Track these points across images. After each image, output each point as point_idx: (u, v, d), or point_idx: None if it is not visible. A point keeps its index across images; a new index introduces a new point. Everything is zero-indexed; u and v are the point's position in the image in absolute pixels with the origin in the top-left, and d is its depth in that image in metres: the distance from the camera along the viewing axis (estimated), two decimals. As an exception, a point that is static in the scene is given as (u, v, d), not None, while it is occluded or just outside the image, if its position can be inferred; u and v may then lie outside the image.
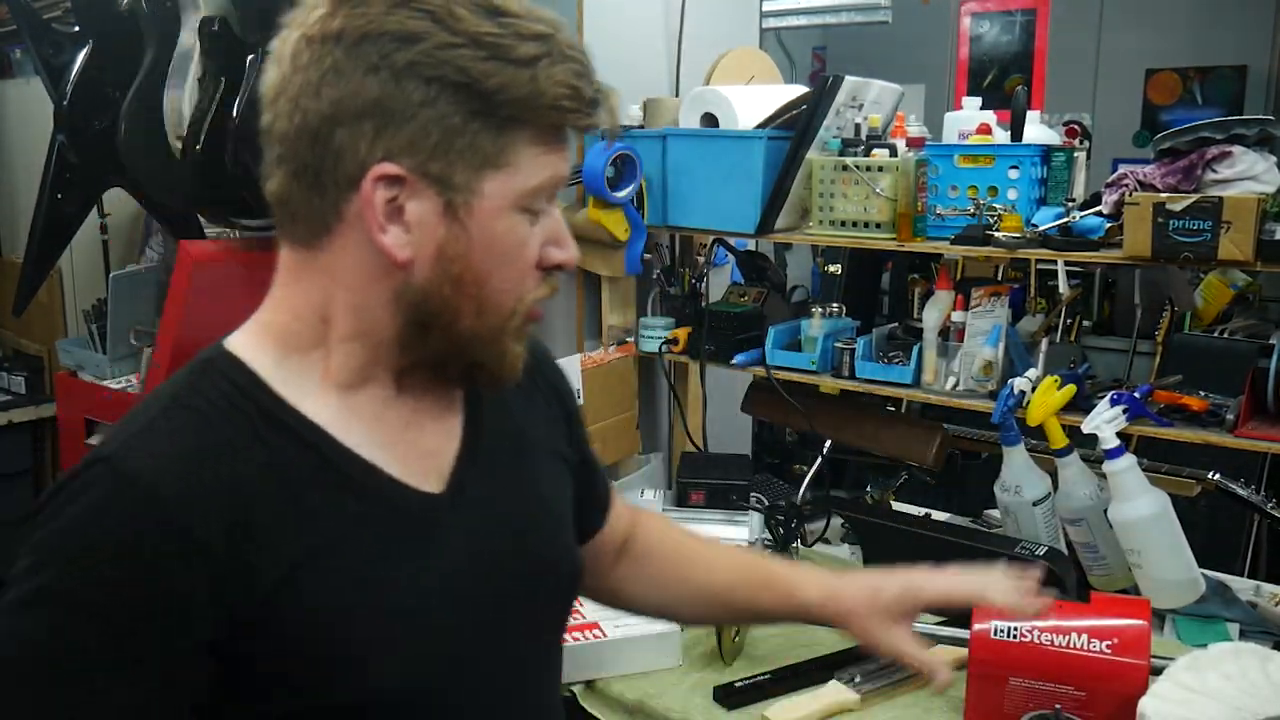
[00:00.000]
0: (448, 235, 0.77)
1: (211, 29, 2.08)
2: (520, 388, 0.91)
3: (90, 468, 0.73)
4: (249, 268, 2.28)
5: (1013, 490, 1.76)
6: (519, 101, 0.74)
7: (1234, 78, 4.82)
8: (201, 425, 0.76)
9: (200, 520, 0.72)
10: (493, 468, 0.89)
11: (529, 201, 0.78)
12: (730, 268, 2.47)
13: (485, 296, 0.79)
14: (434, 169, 0.75)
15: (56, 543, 0.72)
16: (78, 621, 0.70)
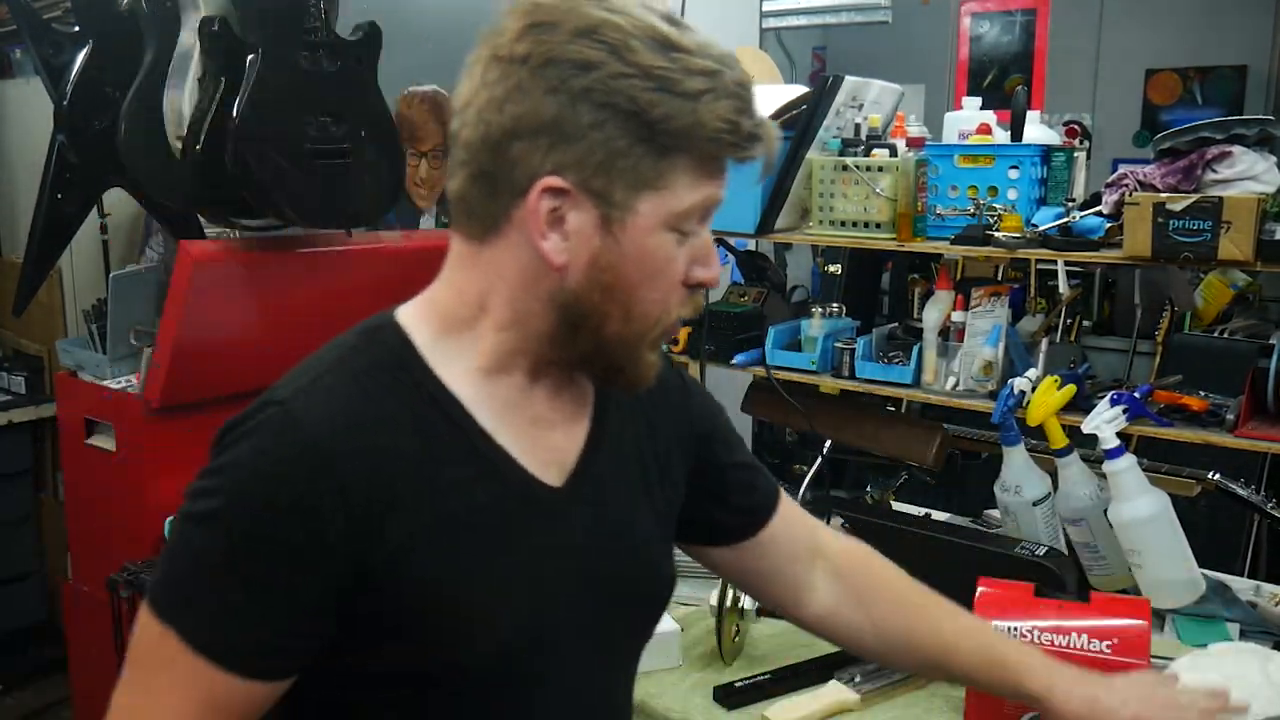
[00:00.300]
0: (602, 246, 0.83)
1: (211, 29, 2.08)
2: (653, 403, 1.01)
3: (263, 409, 0.83)
4: (249, 268, 2.28)
5: (1013, 490, 1.76)
6: (680, 131, 0.81)
7: (1234, 78, 4.83)
8: (363, 391, 0.85)
9: (350, 475, 0.81)
10: (610, 473, 0.96)
11: (680, 222, 0.84)
12: (730, 268, 2.47)
13: (632, 306, 0.85)
14: (596, 185, 0.82)
15: (229, 472, 0.81)
16: (236, 542, 0.80)
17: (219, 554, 0.80)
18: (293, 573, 0.80)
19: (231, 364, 2.40)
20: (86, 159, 2.37)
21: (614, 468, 0.96)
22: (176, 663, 0.80)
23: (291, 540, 0.80)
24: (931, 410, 2.30)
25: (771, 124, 0.86)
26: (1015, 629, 1.34)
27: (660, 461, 1.02)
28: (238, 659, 0.81)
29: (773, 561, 1.14)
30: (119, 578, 2.27)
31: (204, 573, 0.81)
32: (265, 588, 0.80)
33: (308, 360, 0.88)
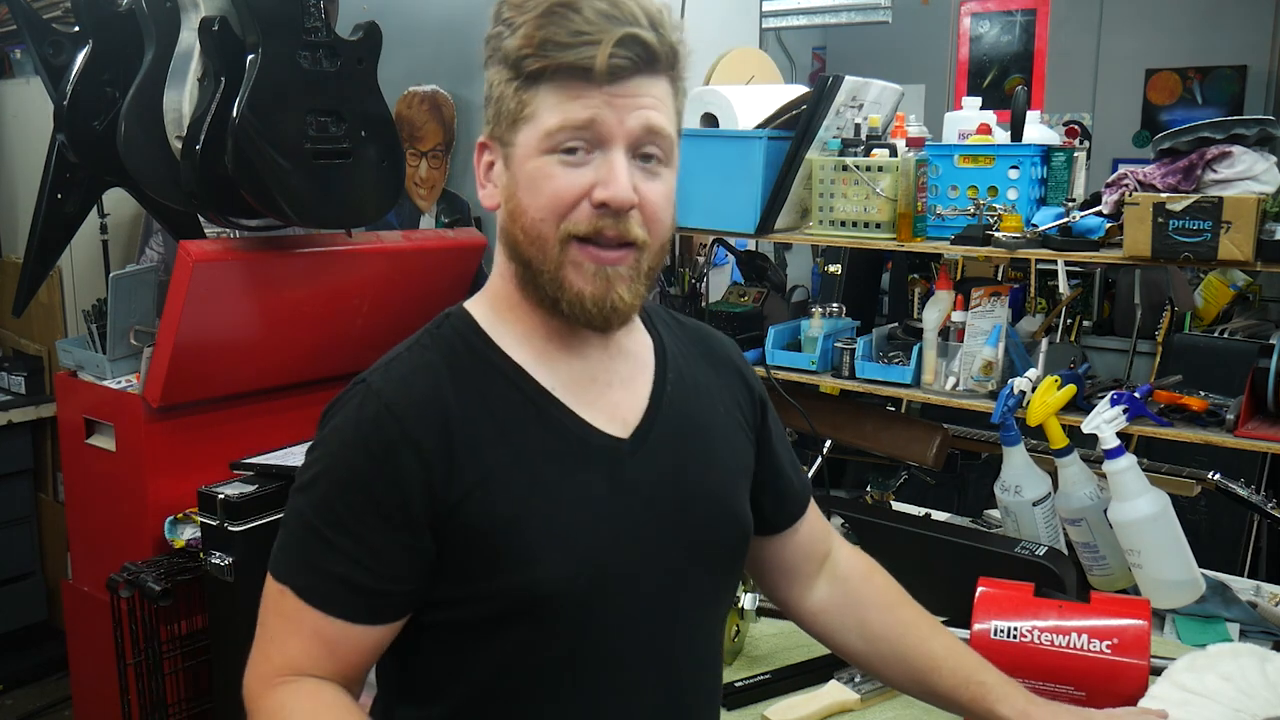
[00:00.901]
0: (507, 182, 0.96)
1: (211, 29, 2.08)
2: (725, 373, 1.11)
3: (354, 387, 0.96)
4: (249, 268, 2.28)
5: (1013, 490, 1.76)
6: (511, 57, 0.92)
7: (1234, 78, 4.82)
8: (428, 358, 0.97)
9: (422, 431, 0.92)
10: (674, 424, 1.03)
11: (550, 143, 0.92)
12: (730, 268, 2.47)
13: (527, 225, 0.94)
14: (497, 132, 0.96)
15: (325, 443, 0.95)
16: (333, 499, 0.92)
17: (321, 513, 0.92)
18: (383, 521, 0.91)
19: (231, 364, 2.40)
20: (86, 159, 2.37)
21: (677, 423, 1.03)
22: (295, 615, 0.93)
23: (376, 491, 0.91)
24: (931, 410, 2.30)
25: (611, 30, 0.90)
26: (1015, 629, 1.34)
27: (725, 420, 1.09)
28: (347, 606, 0.92)
29: (791, 558, 1.20)
30: (119, 578, 2.27)
31: (310, 532, 0.93)
32: (362, 537, 0.91)
33: (392, 349, 1.01)
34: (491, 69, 0.95)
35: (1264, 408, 1.64)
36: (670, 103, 0.96)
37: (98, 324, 2.61)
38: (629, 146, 0.92)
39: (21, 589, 3.42)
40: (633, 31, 0.90)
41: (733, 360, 1.15)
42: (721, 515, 1.05)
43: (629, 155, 0.93)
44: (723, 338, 1.18)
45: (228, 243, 2.33)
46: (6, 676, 3.34)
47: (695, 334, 1.15)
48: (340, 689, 0.94)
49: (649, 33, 0.91)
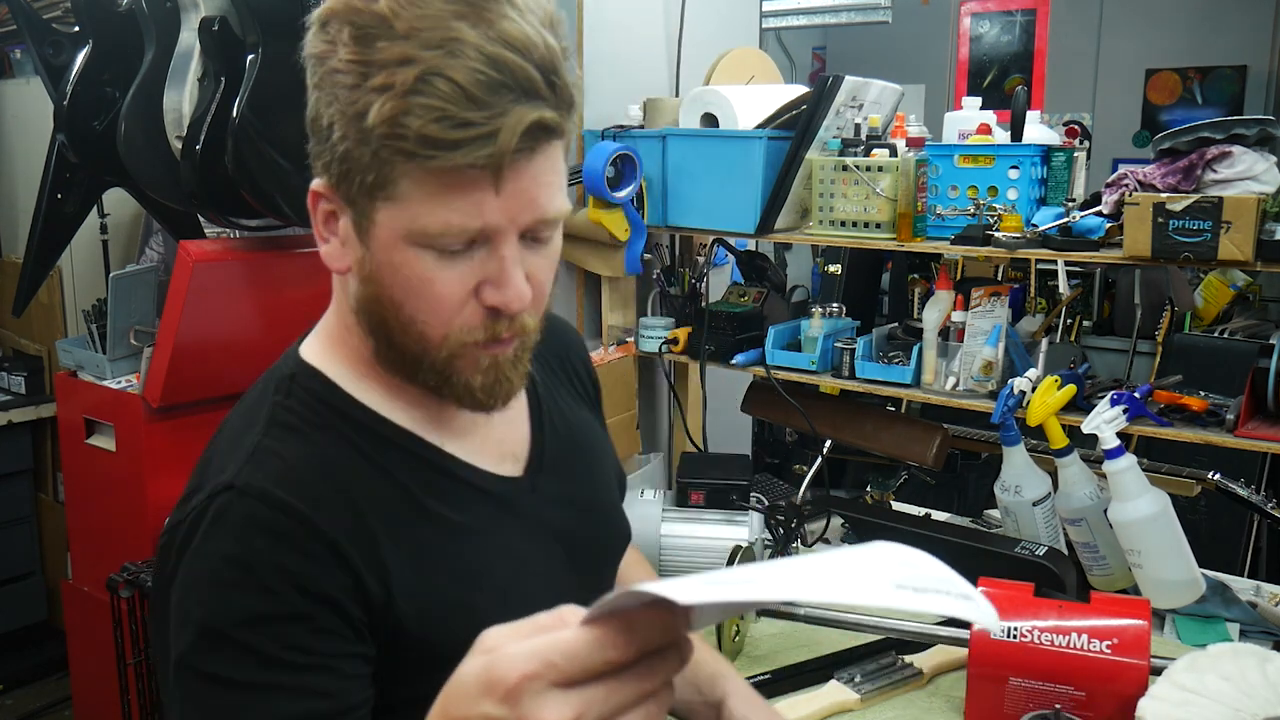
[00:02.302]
0: (361, 254, 0.77)
1: (211, 29, 2.08)
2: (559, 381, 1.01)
3: (214, 500, 0.76)
4: (249, 268, 2.27)
5: (1013, 490, 1.76)
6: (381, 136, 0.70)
7: (1234, 78, 4.83)
8: (299, 440, 0.80)
9: (333, 527, 0.77)
10: (560, 450, 0.96)
11: (425, 241, 0.73)
12: (730, 268, 2.47)
13: (404, 323, 0.78)
14: (342, 189, 0.75)
15: (208, 571, 0.75)
16: (257, 629, 0.73)
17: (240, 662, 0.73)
18: (325, 638, 0.75)
19: (231, 364, 2.40)
20: (86, 159, 2.37)
21: (559, 444, 0.96)
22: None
23: (304, 609, 0.74)
24: (931, 410, 2.30)
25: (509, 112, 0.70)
26: (1015, 629, 1.34)
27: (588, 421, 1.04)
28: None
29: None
30: (119, 578, 2.27)
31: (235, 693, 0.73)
32: (302, 665, 0.74)
33: (230, 432, 0.82)
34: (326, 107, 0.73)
35: (1264, 408, 1.63)
36: (562, 157, 0.78)
37: (98, 324, 2.60)
38: (521, 233, 0.76)
39: (21, 589, 3.42)
40: (536, 116, 0.71)
41: (573, 346, 1.07)
42: (613, 529, 1.02)
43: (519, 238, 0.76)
44: (560, 323, 1.06)
45: (228, 243, 2.33)
46: (6, 676, 3.34)
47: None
48: None
49: (550, 104, 0.72)
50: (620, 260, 2.16)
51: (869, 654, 1.57)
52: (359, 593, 0.77)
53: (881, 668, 1.52)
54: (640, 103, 2.20)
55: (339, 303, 0.85)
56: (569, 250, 2.25)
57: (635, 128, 2.18)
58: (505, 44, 0.69)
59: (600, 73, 2.26)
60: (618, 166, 2.07)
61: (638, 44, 2.36)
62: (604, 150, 2.04)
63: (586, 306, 2.34)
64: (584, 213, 2.12)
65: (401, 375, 0.83)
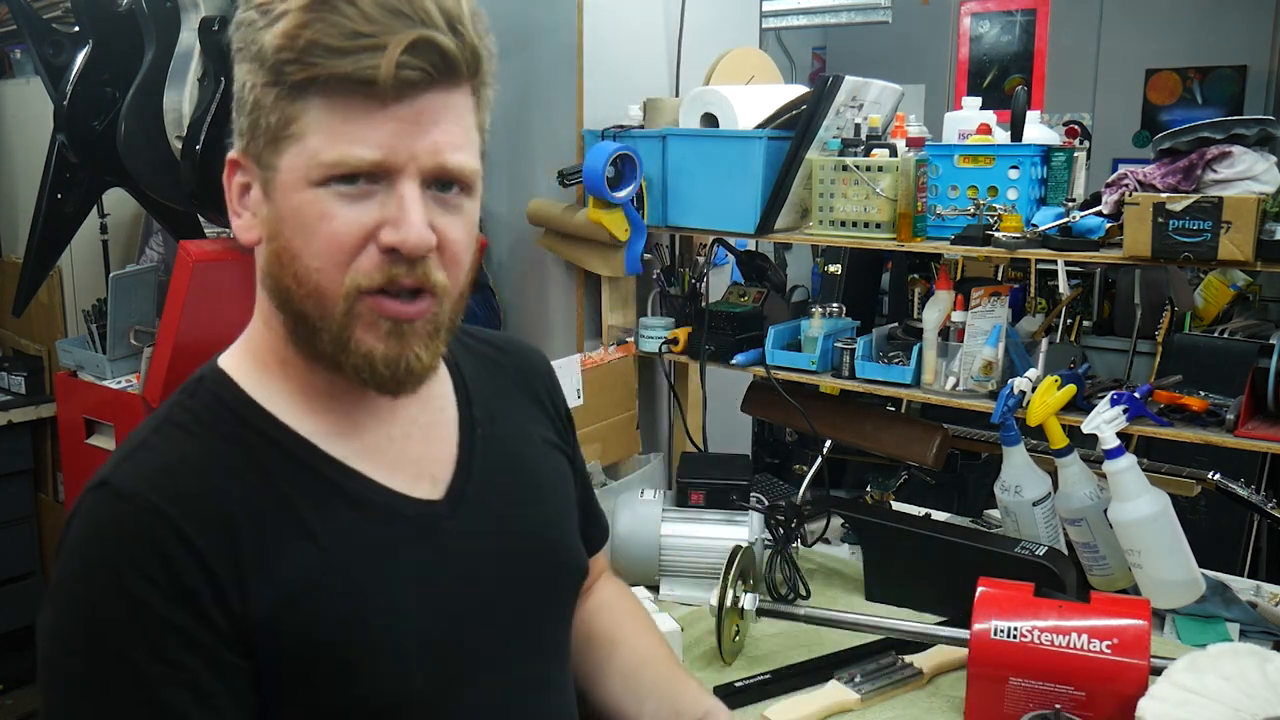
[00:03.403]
0: (269, 214, 0.77)
1: (211, 29, 2.08)
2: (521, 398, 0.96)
3: (87, 495, 0.76)
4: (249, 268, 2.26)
5: (1013, 490, 1.76)
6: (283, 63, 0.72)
7: (1234, 78, 4.82)
8: (187, 439, 0.78)
9: (194, 527, 0.74)
10: (492, 471, 0.90)
11: (325, 173, 0.74)
12: (730, 268, 2.47)
13: (301, 274, 0.76)
14: (253, 150, 0.77)
15: (75, 570, 0.74)
16: (123, 637, 0.72)
17: (98, 673, 0.71)
18: (185, 649, 0.72)
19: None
20: (86, 159, 2.38)
21: (494, 468, 0.90)
22: None
23: (168, 615, 0.72)
24: (931, 410, 2.30)
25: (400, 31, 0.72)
26: (1015, 629, 1.34)
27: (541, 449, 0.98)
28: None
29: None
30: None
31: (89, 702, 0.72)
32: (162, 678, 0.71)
33: (130, 434, 0.81)
34: (242, 65, 0.75)
35: (1264, 408, 1.63)
36: (471, 119, 0.78)
37: (98, 324, 2.61)
38: (423, 177, 0.76)
39: (21, 589, 3.42)
40: (426, 34, 0.72)
41: (539, 372, 1.02)
42: (556, 560, 0.95)
43: (423, 186, 0.76)
44: (527, 348, 1.03)
45: (228, 243, 2.33)
46: (6, 676, 3.34)
47: (496, 350, 1.00)
48: None
49: (446, 36, 0.73)
50: (620, 260, 2.16)
51: (869, 654, 1.57)
52: (218, 600, 0.73)
53: (881, 668, 1.52)
54: (640, 103, 2.20)
55: (259, 300, 0.84)
56: (569, 250, 2.25)
57: (635, 128, 2.18)
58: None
59: (600, 73, 2.25)
60: (618, 166, 2.07)
61: (638, 44, 2.36)
62: (604, 150, 2.04)
63: (586, 306, 2.34)
64: (584, 213, 2.11)
65: (306, 351, 0.80)
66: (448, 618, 0.83)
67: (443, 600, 0.83)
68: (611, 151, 2.03)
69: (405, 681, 0.79)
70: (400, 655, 0.79)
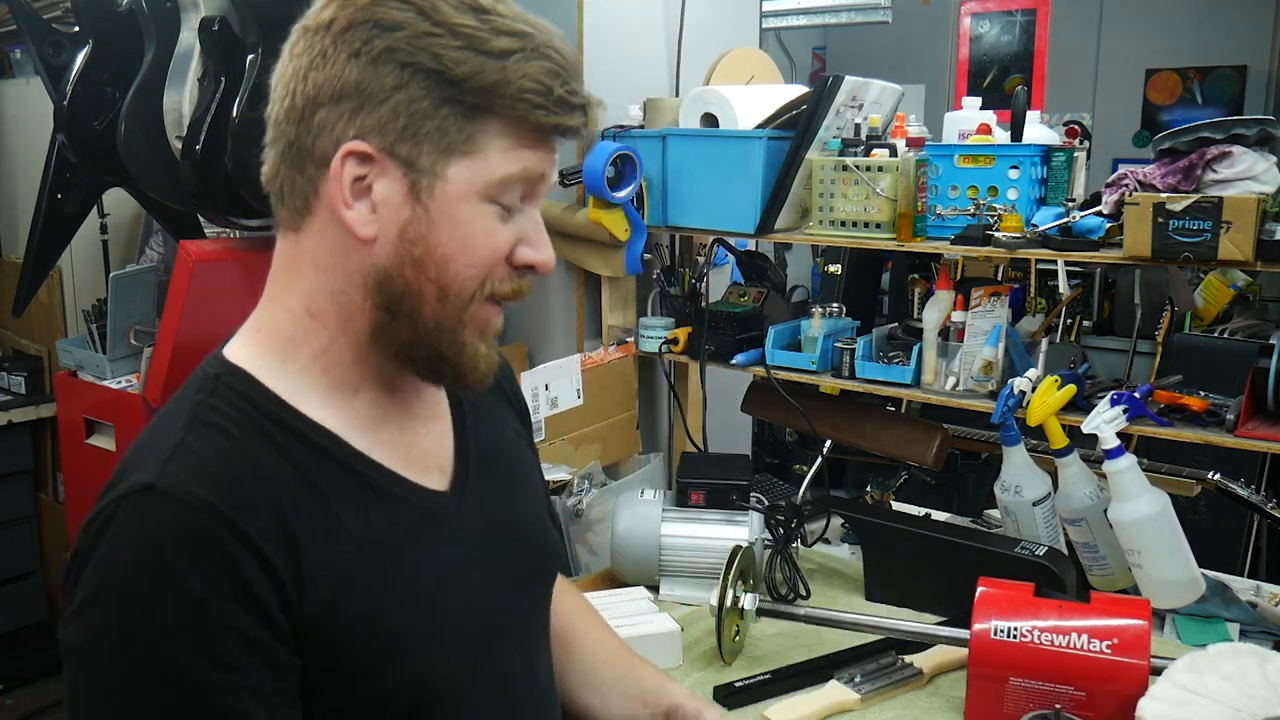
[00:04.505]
0: (411, 217, 0.79)
1: (211, 29, 2.08)
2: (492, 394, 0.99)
3: (127, 499, 0.73)
4: (249, 268, 2.28)
5: (1013, 490, 1.76)
6: (487, 89, 0.77)
7: (1234, 78, 4.83)
8: (224, 440, 0.78)
9: (255, 528, 0.74)
10: (485, 467, 0.94)
11: (496, 193, 0.80)
12: (730, 268, 2.47)
13: (447, 282, 0.80)
14: (401, 150, 0.78)
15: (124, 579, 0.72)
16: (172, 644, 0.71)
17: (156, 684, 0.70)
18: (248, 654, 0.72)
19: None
20: (86, 159, 2.37)
21: (485, 457, 0.95)
22: None
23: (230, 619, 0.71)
24: (931, 410, 2.30)
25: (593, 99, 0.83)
26: (1015, 629, 1.34)
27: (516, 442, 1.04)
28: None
29: None
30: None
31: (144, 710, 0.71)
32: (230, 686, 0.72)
33: (153, 433, 0.80)
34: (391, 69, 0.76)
35: (1264, 408, 1.63)
36: None
37: (98, 324, 2.61)
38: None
39: (21, 589, 3.42)
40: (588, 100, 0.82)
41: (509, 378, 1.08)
42: (542, 545, 1.01)
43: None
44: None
45: (228, 243, 2.33)
46: (6, 676, 3.34)
47: None
48: None
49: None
50: (620, 260, 2.16)
51: (869, 654, 1.57)
52: (282, 601, 0.74)
53: (881, 668, 1.52)
54: (640, 103, 2.20)
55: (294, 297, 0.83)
56: (569, 250, 2.25)
57: (635, 128, 2.18)
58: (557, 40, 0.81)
59: (600, 73, 2.25)
60: (618, 166, 2.07)
61: (638, 44, 2.36)
62: (604, 150, 2.04)
63: (586, 306, 2.34)
64: (584, 213, 2.12)
65: (395, 350, 0.83)
66: (462, 603, 0.87)
67: (456, 587, 0.87)
68: (611, 151, 2.03)
69: (435, 668, 0.83)
70: (429, 642, 0.83)
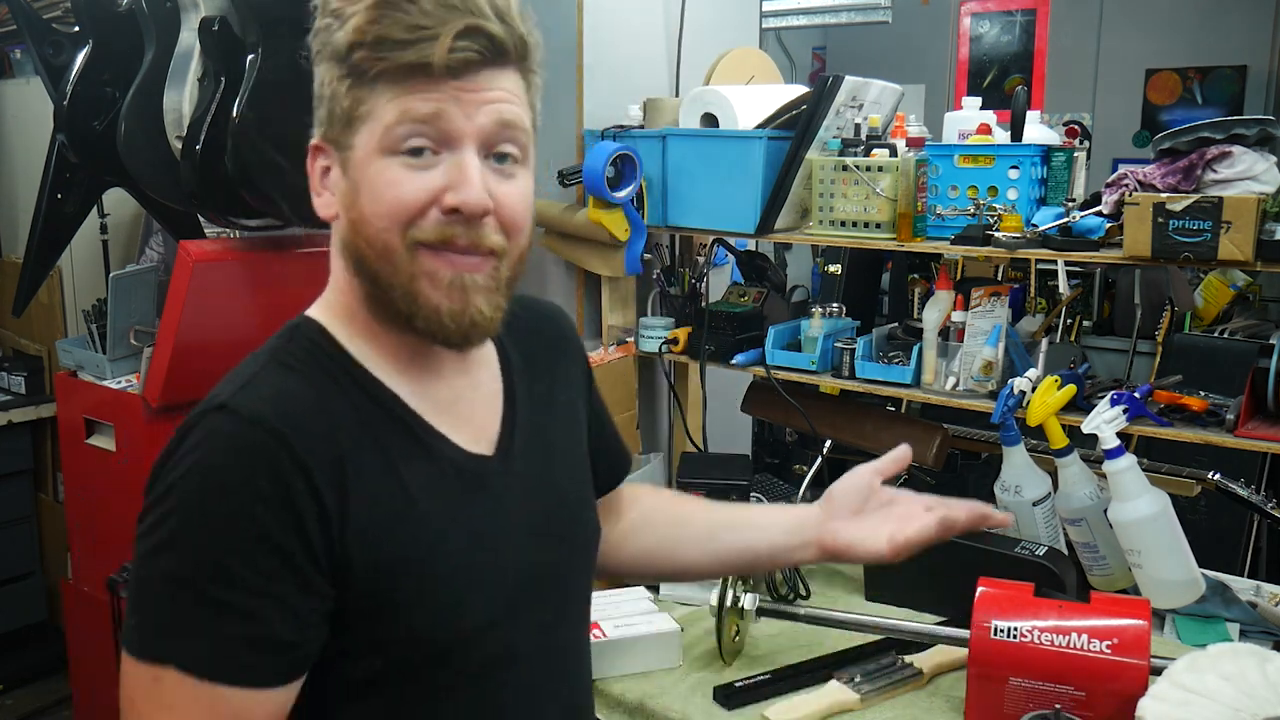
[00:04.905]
0: (346, 189, 0.88)
1: (211, 29, 2.08)
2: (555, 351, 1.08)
3: (206, 417, 0.83)
4: (249, 268, 2.28)
5: (1013, 490, 1.76)
6: (351, 53, 0.84)
7: (1234, 78, 4.83)
8: (302, 378, 0.87)
9: (309, 454, 0.82)
10: (529, 435, 1.00)
11: (392, 144, 0.84)
12: (730, 268, 2.47)
13: (372, 235, 0.86)
14: (331, 135, 0.88)
15: (186, 485, 0.80)
16: (220, 543, 0.79)
17: (200, 570, 0.78)
18: (283, 564, 0.79)
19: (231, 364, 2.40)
20: (86, 159, 2.37)
21: (530, 430, 1.00)
22: (182, 698, 0.78)
23: (271, 529, 0.79)
24: (931, 410, 2.30)
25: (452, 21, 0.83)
26: (1015, 629, 1.34)
27: (568, 411, 1.08)
28: (251, 671, 0.79)
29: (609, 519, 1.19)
30: (119, 578, 2.27)
31: (189, 595, 0.78)
32: (260, 587, 0.79)
33: (236, 369, 0.90)
34: (321, 65, 0.87)
35: (1264, 408, 1.63)
36: (523, 96, 0.89)
37: (98, 324, 2.61)
38: (481, 145, 0.86)
39: (21, 589, 3.42)
40: (475, 22, 0.83)
41: (561, 332, 1.12)
42: (580, 517, 1.05)
43: (481, 155, 0.86)
44: (551, 309, 1.13)
45: (228, 243, 2.33)
46: (6, 676, 3.34)
47: (525, 314, 1.07)
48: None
49: (494, 23, 0.84)
50: (620, 260, 2.16)
51: (869, 654, 1.57)
52: (322, 524, 0.81)
53: (881, 668, 1.52)
54: (640, 103, 2.20)
55: (335, 268, 0.93)
56: (569, 250, 2.25)
57: (635, 128, 2.18)
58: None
59: (600, 73, 2.25)
60: (618, 166, 2.07)
61: (638, 44, 2.36)
62: (604, 150, 2.04)
63: (586, 306, 2.34)
64: (584, 213, 2.11)
65: (383, 313, 0.89)
66: (499, 558, 0.93)
67: (495, 542, 0.93)
68: (611, 151, 2.03)
69: (464, 617, 0.89)
70: (463, 588, 0.89)
